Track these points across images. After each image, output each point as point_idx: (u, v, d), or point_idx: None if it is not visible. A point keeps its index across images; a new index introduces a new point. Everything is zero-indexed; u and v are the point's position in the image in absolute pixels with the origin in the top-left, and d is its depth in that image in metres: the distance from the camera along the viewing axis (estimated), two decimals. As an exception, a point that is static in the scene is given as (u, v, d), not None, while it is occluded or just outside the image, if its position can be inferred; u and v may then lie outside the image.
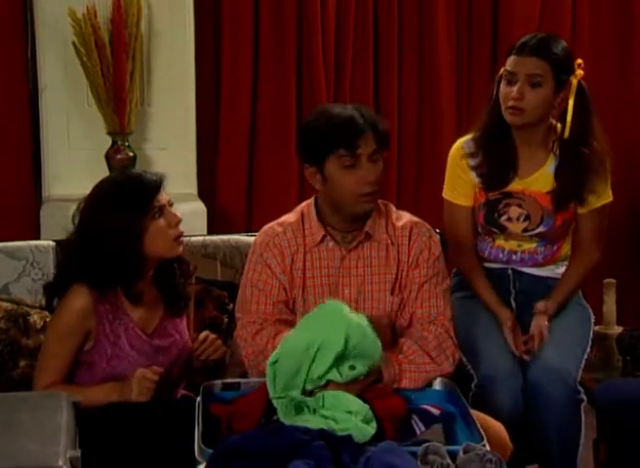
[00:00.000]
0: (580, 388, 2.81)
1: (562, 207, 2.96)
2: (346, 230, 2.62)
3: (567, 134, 2.91)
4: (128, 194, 2.58)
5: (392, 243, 2.62)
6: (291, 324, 2.56)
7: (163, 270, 2.69)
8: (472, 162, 2.99)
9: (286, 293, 2.61)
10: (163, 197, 2.61)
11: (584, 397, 2.81)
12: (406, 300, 2.62)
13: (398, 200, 4.30)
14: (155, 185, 2.60)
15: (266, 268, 2.62)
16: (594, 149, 2.93)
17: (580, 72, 2.91)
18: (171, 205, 2.64)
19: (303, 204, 2.71)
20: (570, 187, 2.94)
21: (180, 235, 2.63)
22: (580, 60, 2.93)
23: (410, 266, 2.62)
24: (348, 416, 2.23)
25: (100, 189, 2.64)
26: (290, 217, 2.68)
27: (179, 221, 2.62)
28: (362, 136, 2.48)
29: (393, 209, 2.70)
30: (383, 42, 4.26)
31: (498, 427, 2.50)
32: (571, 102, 2.90)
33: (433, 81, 4.32)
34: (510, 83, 2.88)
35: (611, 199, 3.01)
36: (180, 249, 2.64)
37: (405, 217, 2.68)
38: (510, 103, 2.88)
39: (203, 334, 2.69)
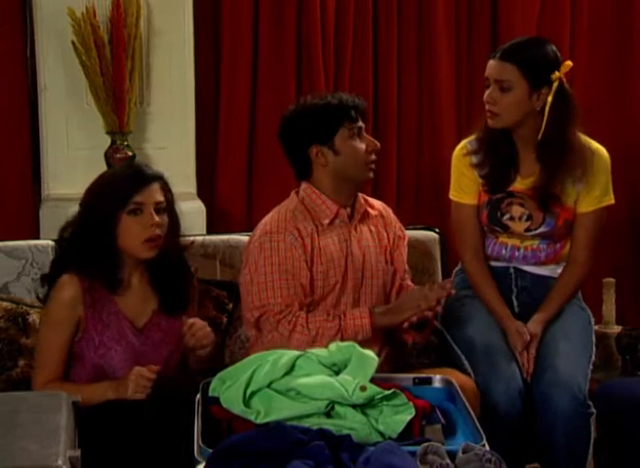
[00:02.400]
0: (590, 402, 2.79)
1: (545, 207, 2.96)
2: (349, 204, 2.86)
3: (541, 134, 2.91)
4: (110, 186, 2.63)
5: (381, 216, 2.95)
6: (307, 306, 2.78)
7: (159, 269, 2.69)
8: (475, 160, 3.00)
9: (308, 272, 2.77)
10: (149, 196, 2.61)
11: (594, 410, 2.80)
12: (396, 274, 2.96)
13: (398, 199, 4.30)
14: (138, 182, 2.62)
15: (292, 250, 2.76)
16: (574, 150, 2.92)
17: (557, 75, 2.89)
18: (161, 209, 2.63)
19: (292, 197, 2.89)
20: (546, 187, 2.94)
21: (152, 238, 2.60)
22: (568, 62, 2.93)
23: (393, 245, 2.95)
24: (363, 418, 2.24)
25: (96, 179, 2.70)
26: (287, 206, 2.85)
27: (154, 224, 2.59)
28: (358, 112, 2.81)
29: (364, 195, 2.99)
30: (383, 41, 4.25)
31: (469, 384, 2.74)
32: (549, 102, 2.90)
33: (433, 80, 4.32)
34: (487, 87, 2.92)
35: (612, 202, 3.01)
36: (151, 253, 2.62)
37: (375, 200, 3.01)
38: (487, 107, 2.93)
39: (191, 320, 2.67)
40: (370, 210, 2.92)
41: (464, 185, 3.04)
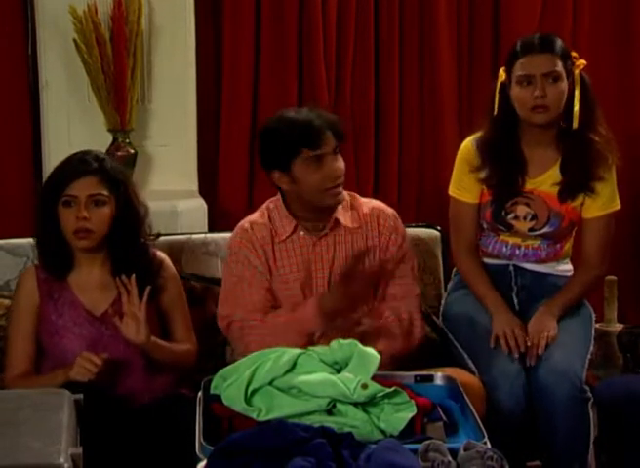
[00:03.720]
0: (587, 387, 2.79)
1: (567, 198, 2.95)
2: (317, 220, 2.81)
3: (575, 123, 2.91)
4: (50, 176, 2.72)
5: (359, 227, 2.83)
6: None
7: (118, 259, 2.70)
8: (482, 175, 2.98)
9: (268, 281, 2.79)
10: (81, 189, 2.64)
11: (591, 395, 2.79)
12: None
13: (399, 197, 4.30)
14: (72, 174, 2.66)
15: (247, 262, 2.78)
16: (602, 134, 2.94)
17: (582, 62, 2.93)
18: (99, 201, 2.64)
19: (266, 203, 2.88)
20: (577, 176, 2.94)
21: (79, 230, 2.64)
22: (574, 53, 2.95)
23: (381, 250, 2.84)
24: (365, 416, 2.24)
25: None
26: (255, 217, 2.86)
27: (80, 217, 2.62)
28: (323, 136, 2.69)
29: (358, 197, 2.90)
30: (384, 41, 4.25)
31: (476, 383, 2.73)
32: (577, 92, 2.90)
33: (435, 78, 4.32)
34: (528, 84, 2.86)
35: (618, 207, 3.02)
36: (83, 243, 2.66)
37: (370, 203, 2.90)
38: (537, 102, 2.85)
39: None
40: (344, 221, 2.82)
41: (466, 185, 3.03)
